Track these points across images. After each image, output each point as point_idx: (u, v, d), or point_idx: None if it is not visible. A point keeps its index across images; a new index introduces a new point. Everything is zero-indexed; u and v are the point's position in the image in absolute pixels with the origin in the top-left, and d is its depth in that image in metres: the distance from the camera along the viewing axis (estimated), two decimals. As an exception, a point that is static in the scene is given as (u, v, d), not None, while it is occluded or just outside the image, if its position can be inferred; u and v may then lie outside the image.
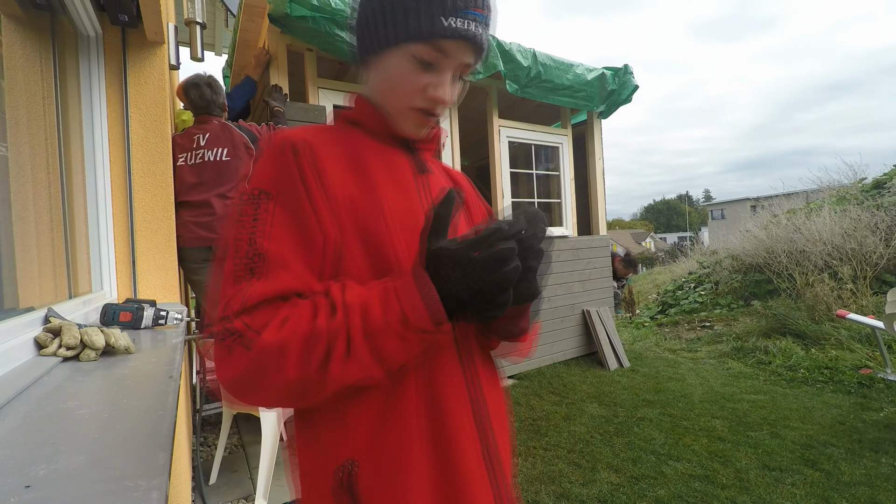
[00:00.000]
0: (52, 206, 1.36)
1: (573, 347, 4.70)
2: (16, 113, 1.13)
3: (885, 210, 6.13)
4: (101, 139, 1.76)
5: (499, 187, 4.24)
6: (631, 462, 2.57)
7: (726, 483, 2.33)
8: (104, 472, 0.48)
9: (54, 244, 1.35)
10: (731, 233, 9.52)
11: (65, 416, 0.64)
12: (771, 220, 8.04)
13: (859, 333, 4.39)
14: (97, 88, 1.75)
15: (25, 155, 1.18)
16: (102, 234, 1.75)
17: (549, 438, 2.91)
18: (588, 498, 2.24)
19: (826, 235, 6.03)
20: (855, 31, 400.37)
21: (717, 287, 7.67)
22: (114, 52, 1.79)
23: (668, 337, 5.96)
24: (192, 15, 2.06)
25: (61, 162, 1.46)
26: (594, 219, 5.13)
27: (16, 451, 0.53)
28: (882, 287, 5.40)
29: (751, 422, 3.06)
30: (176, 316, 1.40)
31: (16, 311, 0.99)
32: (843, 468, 2.43)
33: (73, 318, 1.12)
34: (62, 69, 1.52)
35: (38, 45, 1.33)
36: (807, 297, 5.20)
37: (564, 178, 4.77)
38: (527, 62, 3.81)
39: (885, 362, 3.72)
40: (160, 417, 0.65)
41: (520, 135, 4.42)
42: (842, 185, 8.85)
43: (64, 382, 0.81)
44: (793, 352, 4.39)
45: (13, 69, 1.13)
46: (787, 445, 2.71)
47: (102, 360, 0.97)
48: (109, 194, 1.78)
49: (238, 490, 2.47)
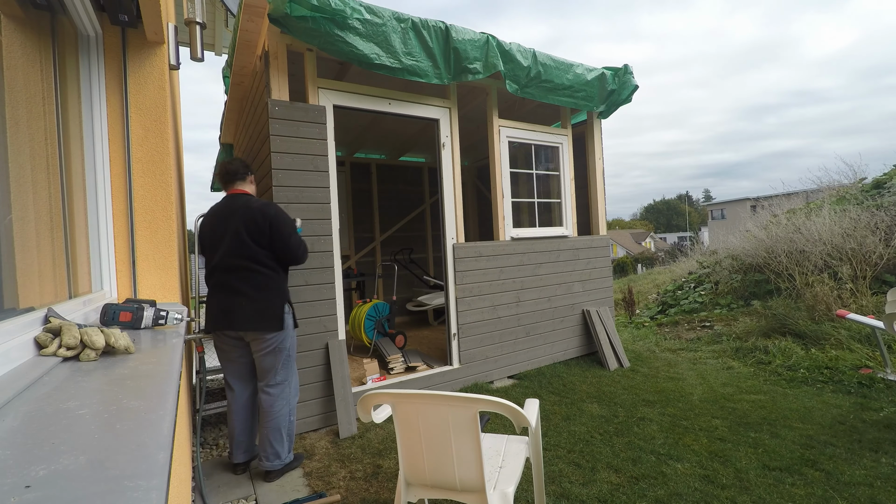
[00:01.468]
0: (52, 206, 1.36)
1: (573, 347, 4.70)
2: (16, 113, 1.13)
3: (885, 210, 6.13)
4: (101, 139, 1.76)
5: (499, 187, 4.24)
6: (631, 462, 2.57)
7: (726, 483, 2.33)
8: (104, 472, 0.48)
9: (54, 244, 1.35)
10: (731, 233, 9.52)
11: (65, 416, 0.64)
12: (771, 220, 8.04)
13: (859, 333, 4.40)
14: (97, 88, 1.75)
15: (25, 155, 1.18)
16: (102, 234, 1.75)
17: (548, 438, 2.91)
18: (588, 498, 2.24)
19: (826, 235, 6.03)
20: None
21: (717, 287, 7.67)
22: (114, 52, 1.79)
23: (668, 337, 5.96)
24: (192, 15, 2.06)
25: (61, 162, 1.46)
26: (594, 219, 5.13)
27: (16, 451, 0.53)
28: (882, 287, 5.40)
29: (751, 422, 3.07)
30: (176, 316, 1.40)
31: (16, 311, 0.99)
32: (843, 468, 2.43)
33: (73, 318, 1.12)
34: (62, 69, 1.52)
35: (38, 45, 1.33)
36: (807, 297, 5.20)
37: (564, 178, 4.77)
38: (527, 62, 3.81)
39: (885, 362, 3.72)
40: (160, 417, 0.65)
41: (520, 135, 4.42)
42: (842, 185, 8.85)
43: (64, 382, 0.81)
44: (793, 352, 4.39)
45: (13, 69, 1.13)
46: (787, 445, 2.71)
47: (102, 360, 0.97)
48: (109, 194, 1.78)
49: (238, 490, 2.47)
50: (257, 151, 3.61)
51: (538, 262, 4.44)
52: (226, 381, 2.64)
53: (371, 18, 3.04)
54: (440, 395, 1.51)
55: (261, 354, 2.49)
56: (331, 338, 3.21)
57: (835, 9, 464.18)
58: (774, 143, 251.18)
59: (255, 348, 2.50)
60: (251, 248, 2.43)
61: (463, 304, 3.92)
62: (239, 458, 2.60)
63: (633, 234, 54.71)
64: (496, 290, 4.14)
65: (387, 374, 3.76)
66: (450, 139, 3.93)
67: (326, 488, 2.43)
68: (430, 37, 3.32)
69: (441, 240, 3.96)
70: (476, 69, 3.54)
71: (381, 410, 1.73)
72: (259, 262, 2.45)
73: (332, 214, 3.26)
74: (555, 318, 4.55)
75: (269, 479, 2.52)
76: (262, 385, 2.54)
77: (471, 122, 5.69)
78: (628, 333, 6.36)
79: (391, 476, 2.51)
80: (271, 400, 2.51)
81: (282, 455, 2.53)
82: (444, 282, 3.95)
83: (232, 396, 2.61)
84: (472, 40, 3.50)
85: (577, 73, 4.21)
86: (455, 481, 1.57)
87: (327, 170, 3.24)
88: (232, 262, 2.44)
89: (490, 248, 4.13)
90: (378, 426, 3.15)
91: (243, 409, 2.60)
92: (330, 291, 3.22)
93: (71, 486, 0.45)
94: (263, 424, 2.53)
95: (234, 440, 2.60)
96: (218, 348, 2.61)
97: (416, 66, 3.28)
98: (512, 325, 4.23)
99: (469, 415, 1.48)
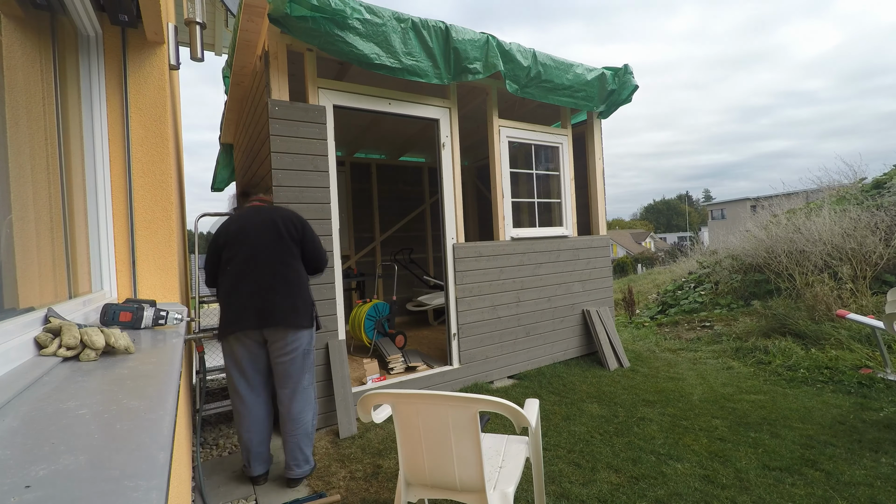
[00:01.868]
0: (52, 206, 1.36)
1: (573, 347, 4.70)
2: (16, 113, 1.13)
3: (885, 210, 6.13)
4: (101, 139, 1.76)
5: (499, 187, 4.24)
6: (631, 462, 2.57)
7: (726, 483, 2.33)
8: (104, 472, 0.48)
9: (54, 244, 1.35)
10: (731, 233, 9.52)
11: (65, 416, 0.64)
12: (771, 220, 8.04)
13: (859, 333, 4.40)
14: (97, 88, 1.75)
15: (25, 155, 1.18)
16: (102, 234, 1.75)
17: (548, 438, 2.91)
18: (588, 498, 2.24)
19: (826, 235, 6.03)
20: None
21: (717, 287, 7.67)
22: (114, 52, 1.79)
23: (668, 337, 5.96)
24: (192, 15, 2.06)
25: (61, 162, 1.46)
26: (594, 219, 5.13)
27: (16, 451, 0.53)
28: (882, 287, 5.40)
29: (751, 422, 3.06)
30: (176, 316, 1.40)
31: (16, 311, 0.99)
32: (843, 468, 2.43)
33: (73, 318, 1.12)
34: (62, 69, 1.52)
35: (38, 45, 1.33)
36: (807, 297, 5.20)
37: (564, 178, 4.77)
38: (527, 62, 3.81)
39: (885, 362, 3.72)
40: (160, 417, 0.65)
41: (520, 135, 4.42)
42: (842, 185, 8.85)
43: (64, 382, 0.80)
44: (793, 352, 4.39)
45: (13, 69, 1.13)
46: (787, 445, 2.71)
47: (102, 360, 0.97)
48: (109, 194, 1.78)
49: (238, 490, 2.47)
50: (257, 151, 3.61)
51: (538, 262, 4.44)
52: (237, 392, 2.43)
53: (371, 18, 3.04)
54: (440, 395, 1.51)
55: (289, 357, 2.37)
56: (331, 338, 3.21)
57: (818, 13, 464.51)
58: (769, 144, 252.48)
59: (283, 350, 2.37)
60: (288, 244, 2.42)
61: (463, 304, 3.92)
62: (259, 470, 2.48)
63: (633, 234, 54.72)
64: (496, 290, 4.14)
65: (387, 374, 3.76)
66: (450, 139, 3.93)
67: (326, 488, 2.43)
68: (430, 37, 3.32)
69: (441, 240, 3.95)
70: (476, 69, 3.54)
71: (381, 410, 1.73)
72: (294, 258, 2.45)
73: (333, 214, 3.26)
74: (555, 318, 4.55)
75: (294, 485, 2.46)
76: (289, 392, 2.42)
77: (471, 122, 5.69)
78: (628, 333, 6.36)
79: (391, 476, 2.51)
80: (300, 407, 2.42)
81: (310, 459, 2.49)
82: (444, 282, 3.95)
83: (245, 408, 2.42)
84: (472, 40, 3.50)
85: (577, 73, 4.21)
86: (455, 481, 1.57)
87: (327, 170, 3.24)
88: (266, 258, 2.37)
89: (490, 248, 4.13)
90: (378, 426, 3.15)
91: (261, 421, 2.45)
92: (330, 291, 3.22)
93: (71, 486, 0.45)
94: (293, 432, 2.42)
95: (252, 453, 2.44)
96: (233, 354, 2.40)
97: (416, 66, 3.28)
98: (512, 325, 4.23)
99: (469, 415, 1.48)
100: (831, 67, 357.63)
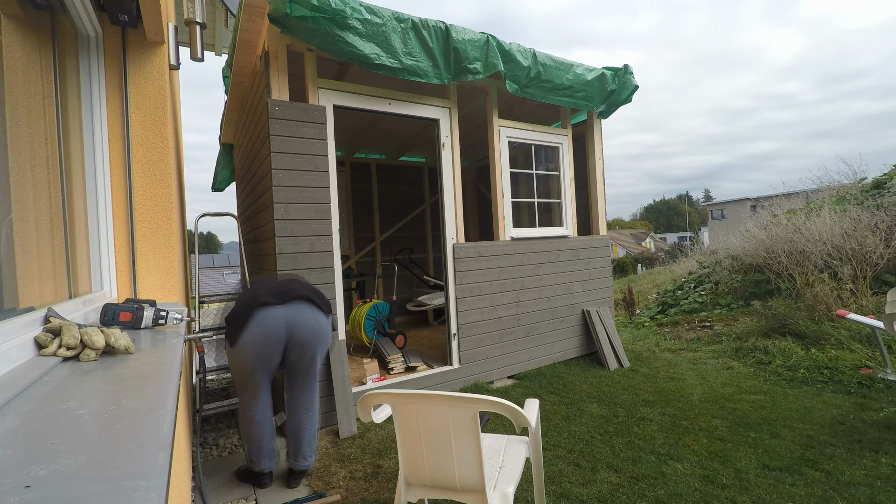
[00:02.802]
0: (52, 206, 1.36)
1: (573, 347, 4.70)
2: (16, 113, 1.13)
3: (885, 210, 6.13)
4: (101, 139, 1.76)
5: (499, 187, 4.24)
6: (631, 462, 2.57)
7: (726, 483, 2.33)
8: (104, 472, 0.48)
9: (54, 244, 1.35)
10: (731, 233, 9.51)
11: (65, 416, 0.64)
12: (771, 220, 8.03)
13: (859, 333, 4.39)
14: (97, 88, 1.75)
15: (25, 155, 1.18)
16: (102, 234, 1.75)
17: (548, 438, 2.91)
18: (588, 498, 2.24)
19: (826, 235, 6.02)
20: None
21: (717, 287, 7.67)
22: (114, 52, 1.79)
23: (668, 337, 5.96)
24: (192, 15, 2.06)
25: (61, 162, 1.46)
26: (594, 219, 5.13)
27: (16, 451, 0.53)
28: (882, 287, 5.40)
29: (751, 422, 3.06)
30: (176, 316, 1.40)
31: (16, 311, 0.99)
32: (843, 468, 2.43)
33: (73, 318, 1.12)
34: (62, 69, 1.52)
35: (38, 45, 1.33)
36: (807, 297, 5.20)
37: (564, 178, 4.77)
38: (527, 62, 3.81)
39: (885, 362, 3.72)
40: (160, 417, 0.65)
41: (520, 135, 4.42)
42: (841, 185, 8.85)
43: (64, 382, 0.80)
44: (793, 352, 4.39)
45: (13, 69, 1.13)
46: (787, 445, 2.71)
47: (102, 360, 0.97)
48: (109, 194, 1.78)
49: (238, 490, 2.47)
50: (257, 151, 3.61)
51: (538, 262, 4.44)
52: (253, 392, 2.41)
53: (371, 18, 3.04)
54: (440, 395, 1.51)
55: (310, 355, 2.45)
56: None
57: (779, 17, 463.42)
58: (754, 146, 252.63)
59: (306, 352, 2.42)
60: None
61: (463, 304, 3.92)
62: (270, 465, 2.50)
63: (633, 234, 54.72)
64: (496, 290, 4.14)
65: (387, 374, 3.76)
66: (450, 139, 3.93)
67: (326, 488, 2.43)
68: (430, 37, 3.32)
69: (441, 240, 3.95)
70: (476, 69, 3.54)
71: (381, 410, 1.73)
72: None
73: (332, 214, 3.26)
74: (555, 318, 4.55)
75: (295, 484, 2.48)
76: (306, 388, 2.53)
77: (471, 122, 5.69)
78: (628, 333, 6.36)
79: (391, 476, 2.51)
80: (310, 402, 2.54)
81: (316, 451, 2.58)
82: (444, 282, 3.95)
83: (259, 407, 2.44)
84: (472, 40, 3.50)
85: (577, 73, 4.21)
86: (455, 481, 1.57)
87: (327, 170, 3.24)
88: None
89: (490, 249, 4.13)
90: (378, 426, 3.15)
91: (270, 418, 2.52)
92: (330, 291, 3.22)
93: (71, 486, 0.45)
94: (305, 427, 2.50)
95: (263, 450, 2.46)
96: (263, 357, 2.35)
97: (416, 66, 3.28)
98: (512, 325, 4.23)
99: (469, 415, 1.48)
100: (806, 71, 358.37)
